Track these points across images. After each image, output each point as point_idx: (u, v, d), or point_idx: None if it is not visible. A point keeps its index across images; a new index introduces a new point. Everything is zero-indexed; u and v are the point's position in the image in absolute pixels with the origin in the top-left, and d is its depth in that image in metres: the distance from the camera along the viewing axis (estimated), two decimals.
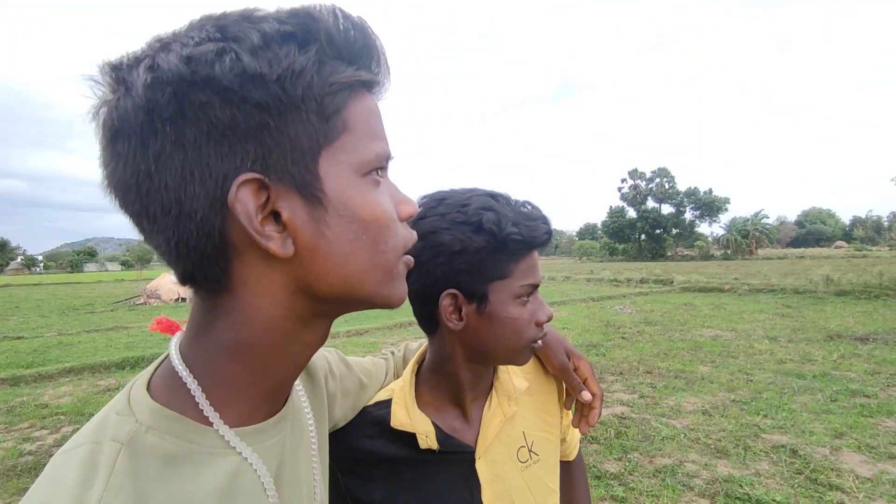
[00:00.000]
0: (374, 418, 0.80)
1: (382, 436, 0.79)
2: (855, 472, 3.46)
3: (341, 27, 0.41)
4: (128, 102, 0.37)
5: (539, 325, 0.76)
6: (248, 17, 0.39)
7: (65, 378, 6.80)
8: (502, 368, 0.85)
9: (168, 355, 0.46)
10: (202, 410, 0.43)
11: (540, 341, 0.78)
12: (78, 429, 0.43)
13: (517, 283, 0.73)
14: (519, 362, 0.79)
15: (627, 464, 3.70)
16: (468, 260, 0.72)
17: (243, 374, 0.45)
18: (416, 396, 0.81)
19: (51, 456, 0.41)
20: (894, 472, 3.44)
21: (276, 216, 0.40)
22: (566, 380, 0.87)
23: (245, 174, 0.38)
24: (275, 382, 0.47)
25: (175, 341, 0.46)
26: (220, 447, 0.43)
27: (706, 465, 3.66)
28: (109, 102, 0.38)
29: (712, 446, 3.96)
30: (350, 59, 0.42)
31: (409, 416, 0.78)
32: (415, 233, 0.50)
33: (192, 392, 0.43)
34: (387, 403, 0.81)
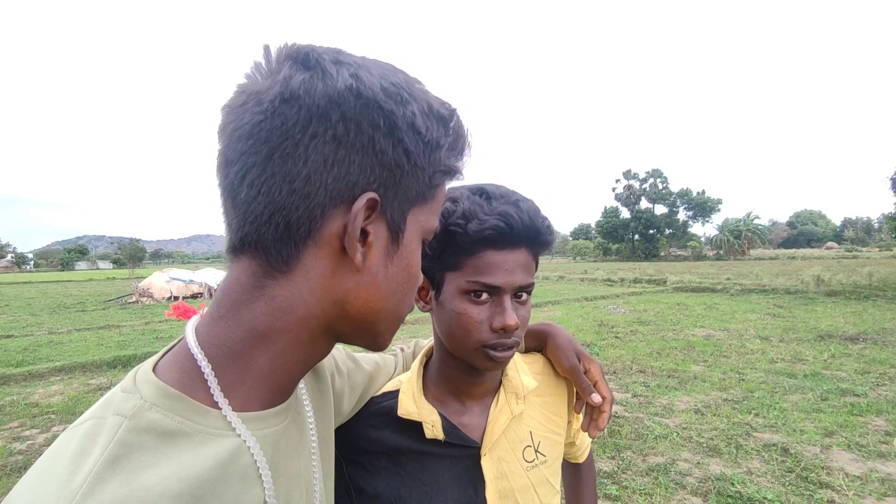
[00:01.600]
0: (381, 408, 0.81)
1: (389, 425, 0.79)
2: (845, 471, 3.49)
3: (461, 131, 0.52)
4: (318, 84, 0.43)
5: (496, 330, 0.72)
6: (420, 85, 0.49)
7: (55, 377, 6.73)
8: (511, 366, 0.84)
9: (180, 341, 0.48)
10: (210, 391, 0.45)
11: (500, 351, 0.73)
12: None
13: (465, 279, 0.72)
14: (475, 364, 0.75)
15: (621, 462, 3.72)
16: (429, 245, 0.75)
17: (261, 361, 0.47)
18: (423, 389, 0.81)
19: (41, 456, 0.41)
20: (883, 470, 3.48)
21: (363, 235, 0.46)
22: (576, 382, 0.86)
23: (373, 192, 0.45)
24: (286, 376, 0.50)
25: (191, 323, 0.48)
26: (221, 429, 0.45)
27: (698, 463, 3.68)
28: (300, 74, 0.44)
29: (704, 445, 3.99)
30: (456, 155, 0.52)
31: (417, 406, 0.78)
32: (415, 306, 0.58)
33: (202, 372, 0.45)
34: (394, 394, 0.81)
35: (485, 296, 0.72)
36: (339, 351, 0.80)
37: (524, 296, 0.74)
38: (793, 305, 11.92)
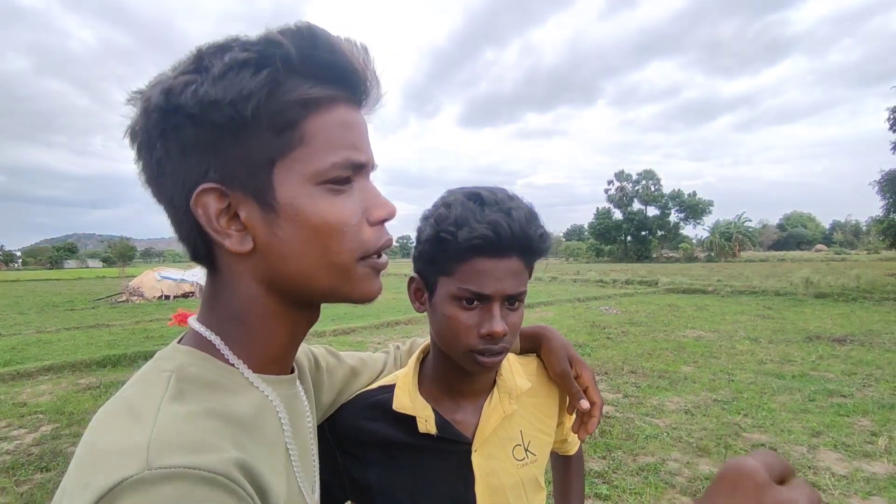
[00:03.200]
0: (377, 401, 0.83)
1: (383, 418, 0.81)
2: (831, 470, 3.54)
3: (304, 48, 0.45)
4: (139, 122, 0.47)
5: (483, 336, 0.72)
6: (222, 48, 0.46)
7: (44, 376, 6.65)
8: (506, 366, 0.85)
9: (188, 332, 0.55)
10: (226, 358, 0.51)
11: (487, 356, 0.73)
12: (57, 427, 0.47)
13: (455, 285, 0.72)
14: (465, 366, 0.76)
15: (611, 462, 3.75)
16: (420, 249, 0.77)
17: (248, 335, 0.52)
18: (419, 386, 0.83)
19: (29, 455, 0.44)
20: (869, 470, 3.53)
21: (236, 218, 0.48)
22: (566, 387, 0.87)
23: (205, 183, 0.46)
24: (277, 346, 0.55)
25: (193, 318, 0.55)
26: (245, 384, 0.51)
27: (688, 463, 3.72)
28: (134, 119, 0.48)
29: (694, 445, 4.02)
30: (316, 76, 0.47)
31: (411, 400, 0.80)
32: (389, 236, 0.55)
33: (215, 345, 0.51)
34: (390, 388, 0.83)
35: (475, 302, 0.72)
36: (320, 349, 0.83)
37: (516, 303, 0.75)
38: (782, 307, 12.04)
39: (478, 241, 0.70)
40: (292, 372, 0.60)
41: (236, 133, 0.45)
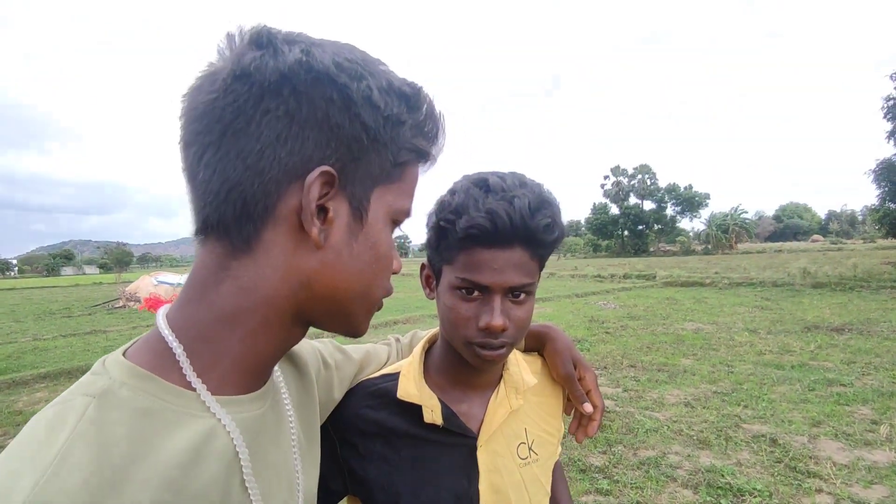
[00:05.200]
0: (379, 390, 0.80)
1: (386, 407, 0.78)
2: (832, 460, 3.54)
3: (430, 112, 0.52)
4: (269, 61, 0.43)
5: (481, 329, 0.70)
6: (381, 64, 0.49)
7: (40, 384, 6.61)
8: (512, 361, 0.83)
9: (152, 329, 0.48)
10: (183, 373, 0.44)
11: (487, 350, 0.71)
12: None
13: (455, 274, 0.71)
14: (466, 358, 0.74)
15: (612, 457, 3.73)
16: (428, 236, 0.75)
17: (232, 342, 0.47)
18: (424, 375, 0.81)
19: None
20: (870, 459, 3.53)
21: (322, 212, 0.45)
22: (569, 389, 0.87)
23: (327, 166, 0.44)
24: (259, 359, 0.50)
25: (163, 310, 0.48)
26: (196, 409, 0.44)
27: (689, 455, 3.71)
28: (252, 52, 0.44)
29: (695, 437, 4.01)
30: (424, 135, 0.52)
31: (417, 389, 0.77)
32: (393, 288, 0.57)
33: (175, 355, 0.44)
34: (393, 377, 0.81)
35: (476, 293, 0.70)
36: (326, 344, 0.80)
37: (522, 295, 0.72)
38: (780, 298, 12.06)
39: (474, 230, 0.67)
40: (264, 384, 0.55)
41: (373, 142, 0.46)
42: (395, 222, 0.53)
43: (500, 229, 0.67)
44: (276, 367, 0.59)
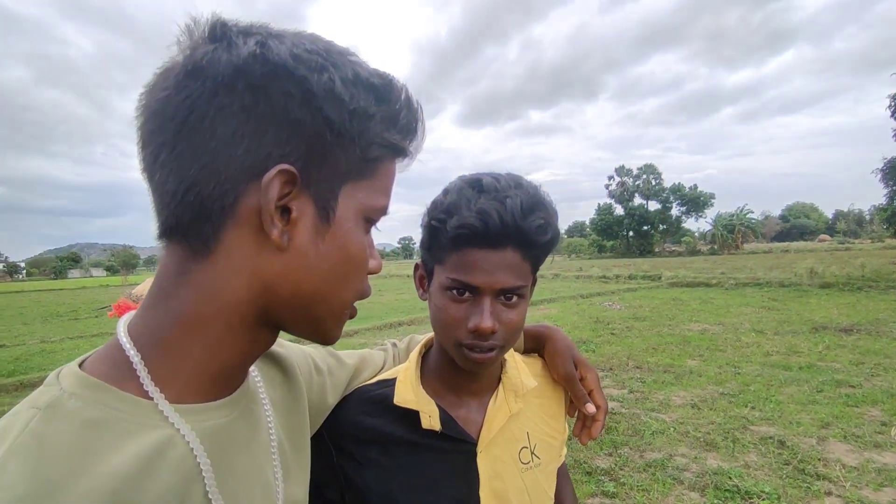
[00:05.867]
0: (375, 396, 0.79)
1: (383, 414, 0.77)
2: (841, 462, 3.50)
3: (404, 104, 0.49)
4: (223, 55, 0.41)
5: (470, 331, 0.69)
6: (349, 55, 0.47)
7: None
8: (510, 363, 0.82)
9: (112, 338, 0.46)
10: (141, 383, 0.43)
11: (476, 352, 0.70)
12: None
13: (445, 274, 0.70)
14: (457, 360, 0.73)
15: (618, 459, 3.71)
16: (422, 236, 0.75)
17: (192, 349, 0.45)
18: (421, 380, 0.80)
19: None
20: (880, 461, 3.49)
21: (285, 213, 0.44)
22: (571, 390, 0.85)
23: (287, 164, 0.42)
24: (223, 366, 0.48)
25: (125, 317, 0.47)
26: (152, 419, 0.42)
27: (696, 458, 3.68)
28: (205, 46, 0.42)
29: (701, 439, 3.98)
30: (399, 129, 0.49)
31: (414, 394, 0.76)
32: (371, 290, 0.55)
33: (132, 363, 0.43)
34: (390, 382, 0.80)
35: (467, 294, 0.69)
36: (318, 349, 0.77)
37: (514, 298, 0.70)
38: (787, 298, 11.97)
39: (465, 230, 0.66)
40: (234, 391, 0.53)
41: (339, 137, 0.44)
42: (369, 221, 0.50)
43: (490, 229, 0.66)
44: (254, 372, 0.58)
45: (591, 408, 0.83)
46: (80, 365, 0.44)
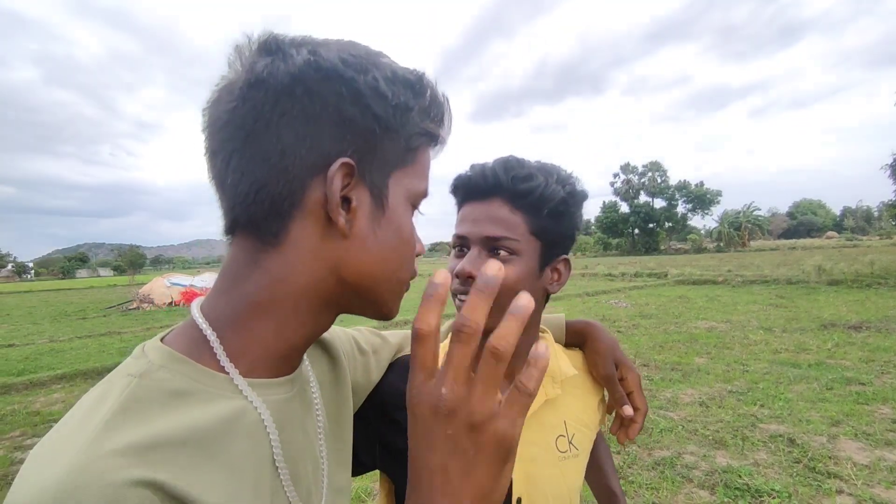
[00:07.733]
0: None
1: None
2: (852, 460, 3.47)
3: (435, 96, 0.53)
4: (280, 65, 0.46)
5: (456, 276, 0.74)
6: (383, 56, 0.51)
7: (57, 385, 6.70)
8: (549, 349, 0.83)
9: (188, 318, 0.51)
10: (217, 358, 0.47)
11: (459, 298, 0.74)
12: None
13: (453, 234, 0.79)
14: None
15: (626, 457, 3.70)
16: None
17: (262, 330, 0.49)
18: None
19: None
20: (891, 459, 3.45)
21: (345, 203, 0.48)
22: (610, 391, 0.86)
23: (346, 158, 0.46)
24: (288, 346, 0.52)
25: (197, 301, 0.51)
26: (228, 391, 0.47)
27: (705, 456, 3.66)
28: (263, 59, 0.46)
29: (710, 437, 3.96)
30: (432, 119, 0.54)
31: None
32: (418, 271, 0.59)
33: (209, 340, 0.47)
34: None
35: (465, 250, 0.75)
36: (362, 331, 0.83)
37: (501, 252, 0.73)
38: (795, 295, 11.88)
39: (458, 181, 0.77)
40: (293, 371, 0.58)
41: (385, 130, 0.49)
42: (414, 205, 0.55)
43: (474, 179, 0.74)
44: (305, 359, 0.61)
45: (628, 410, 0.84)
46: (162, 340, 0.49)
